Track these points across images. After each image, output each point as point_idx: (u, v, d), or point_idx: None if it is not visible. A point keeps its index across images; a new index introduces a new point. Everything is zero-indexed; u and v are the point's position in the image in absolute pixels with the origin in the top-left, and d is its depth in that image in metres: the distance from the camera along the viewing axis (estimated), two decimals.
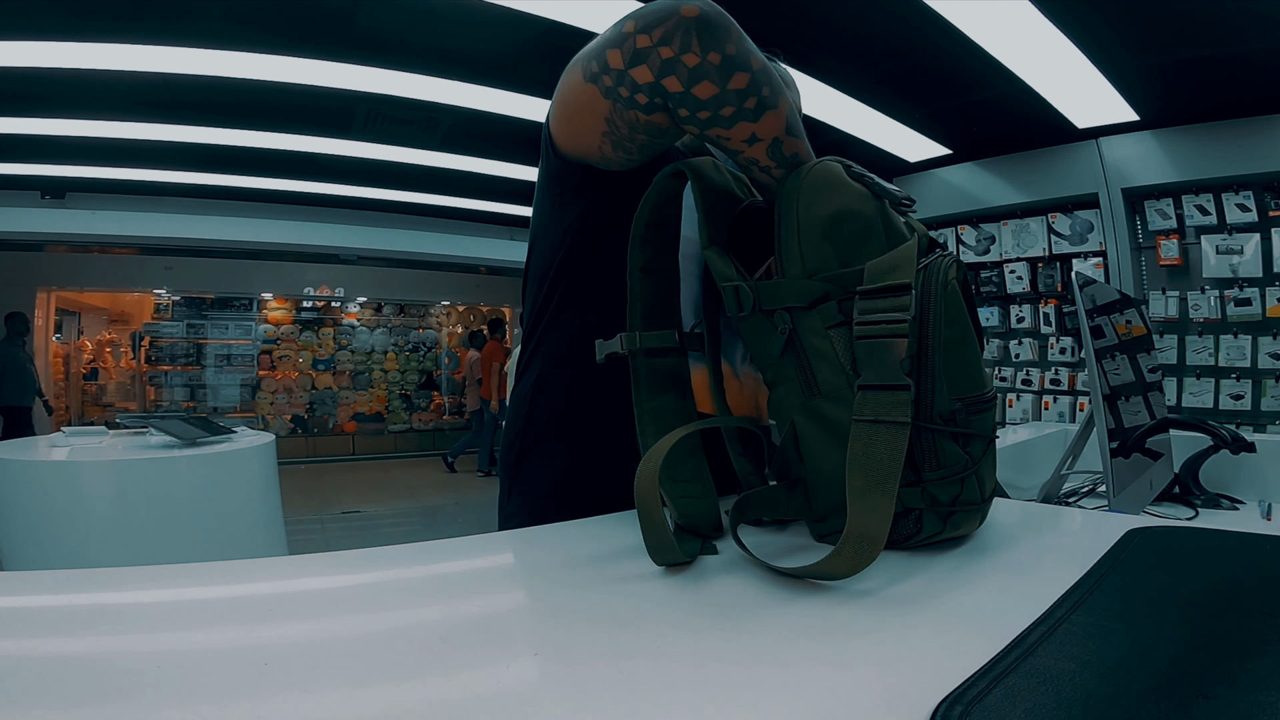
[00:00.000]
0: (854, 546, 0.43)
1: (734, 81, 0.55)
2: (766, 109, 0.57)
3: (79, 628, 0.38)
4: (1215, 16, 2.32)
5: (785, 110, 0.59)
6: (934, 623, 0.39)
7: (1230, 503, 1.33)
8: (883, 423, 0.48)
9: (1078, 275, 1.09)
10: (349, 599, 0.45)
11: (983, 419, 0.55)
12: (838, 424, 0.53)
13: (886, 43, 2.57)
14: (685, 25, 0.54)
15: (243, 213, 5.33)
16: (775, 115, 0.58)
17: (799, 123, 0.61)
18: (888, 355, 0.49)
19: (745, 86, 0.56)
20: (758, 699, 0.30)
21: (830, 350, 0.54)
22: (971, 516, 0.55)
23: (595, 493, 0.68)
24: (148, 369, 7.55)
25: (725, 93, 0.56)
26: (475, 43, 2.66)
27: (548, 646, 0.36)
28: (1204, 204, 3.23)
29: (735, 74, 0.55)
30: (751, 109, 0.57)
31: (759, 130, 0.58)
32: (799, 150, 0.60)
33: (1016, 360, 3.94)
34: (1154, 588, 0.43)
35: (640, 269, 0.64)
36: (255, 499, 2.64)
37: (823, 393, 0.54)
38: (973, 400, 0.54)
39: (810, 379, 0.55)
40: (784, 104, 0.58)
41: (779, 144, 0.59)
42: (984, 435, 0.55)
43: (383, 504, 5.50)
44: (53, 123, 3.44)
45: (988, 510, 0.57)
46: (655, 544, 0.47)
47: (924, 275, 0.53)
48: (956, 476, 0.52)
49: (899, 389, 0.48)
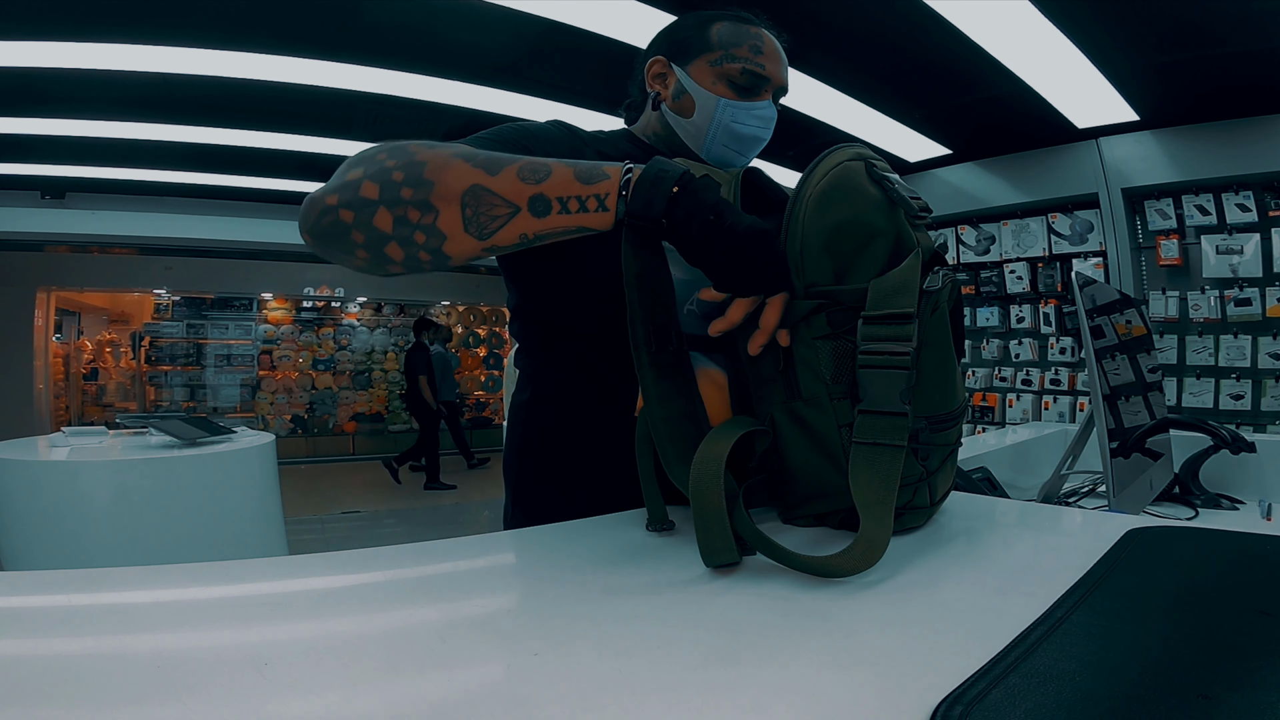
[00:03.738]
0: (864, 548, 0.46)
1: (377, 219, 0.53)
2: (427, 187, 0.53)
3: (79, 628, 0.38)
4: (1215, 16, 2.31)
5: (443, 164, 0.54)
6: (934, 623, 0.39)
7: (1230, 503, 1.33)
8: (882, 445, 0.50)
9: (1078, 275, 1.09)
10: (349, 599, 0.45)
11: (946, 433, 0.58)
12: (812, 427, 0.55)
13: (887, 43, 2.56)
14: (315, 250, 0.58)
15: (243, 213, 5.33)
16: (446, 185, 0.53)
17: (473, 158, 0.56)
18: (890, 385, 0.50)
19: (378, 197, 0.53)
20: (758, 699, 0.30)
21: (814, 359, 0.55)
22: (918, 516, 0.59)
23: (595, 501, 0.68)
24: (148, 369, 7.55)
25: (383, 225, 0.53)
26: (475, 43, 2.66)
27: (548, 646, 0.36)
28: (1204, 204, 3.23)
29: (366, 223, 0.54)
30: (419, 206, 0.53)
31: (450, 202, 0.53)
32: (522, 169, 0.55)
33: (1016, 360, 3.93)
34: (1154, 588, 0.43)
35: (636, 275, 0.61)
36: (255, 499, 2.63)
37: (803, 397, 0.56)
38: (940, 418, 0.56)
39: (793, 382, 0.56)
40: (435, 163, 0.54)
41: (482, 190, 0.53)
42: (945, 446, 0.59)
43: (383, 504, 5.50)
44: (53, 123, 3.44)
45: (937, 510, 0.61)
46: (711, 543, 0.47)
47: (920, 298, 0.53)
48: (910, 485, 0.55)
49: (898, 415, 0.50)
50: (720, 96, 0.78)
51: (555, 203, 0.54)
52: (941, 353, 0.56)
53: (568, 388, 0.79)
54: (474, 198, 0.54)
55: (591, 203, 0.54)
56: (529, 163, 0.55)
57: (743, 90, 0.79)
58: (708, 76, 0.79)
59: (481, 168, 0.54)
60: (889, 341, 0.50)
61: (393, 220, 0.53)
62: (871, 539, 0.46)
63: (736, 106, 0.78)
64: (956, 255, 4.12)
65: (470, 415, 8.85)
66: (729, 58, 0.78)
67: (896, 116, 3.31)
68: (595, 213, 0.55)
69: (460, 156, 0.55)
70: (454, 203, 0.53)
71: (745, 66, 0.78)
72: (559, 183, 0.54)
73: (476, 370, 9.00)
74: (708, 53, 0.79)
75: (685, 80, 0.80)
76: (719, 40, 0.79)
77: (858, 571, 0.45)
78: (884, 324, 0.51)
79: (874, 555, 0.46)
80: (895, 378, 0.50)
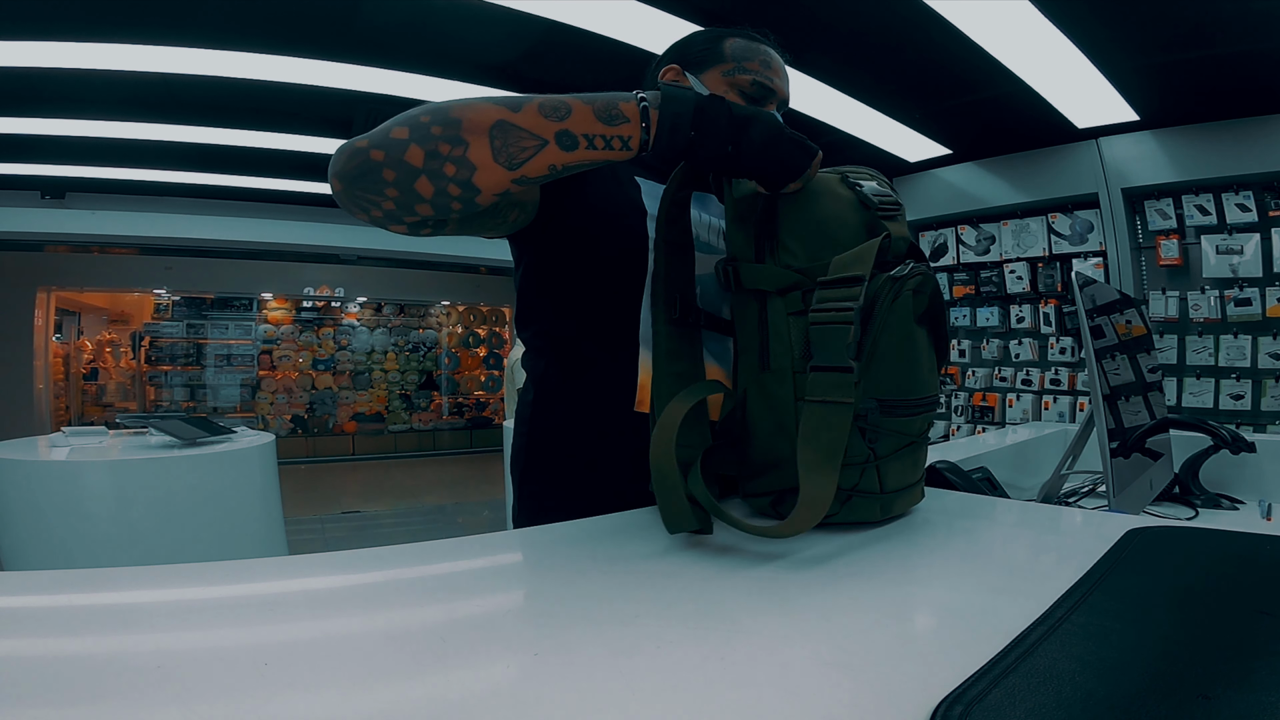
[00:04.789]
0: (806, 510, 0.50)
1: (409, 155, 0.55)
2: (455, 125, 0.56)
3: (79, 628, 0.38)
4: (1215, 16, 2.31)
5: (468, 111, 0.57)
6: (934, 623, 0.39)
7: (1230, 503, 1.33)
8: (829, 403, 0.54)
9: (1078, 275, 1.08)
10: (349, 599, 0.45)
11: (903, 421, 0.61)
12: (774, 397, 0.61)
13: (886, 43, 2.56)
14: (340, 198, 0.59)
15: (243, 213, 5.33)
16: (472, 120, 0.56)
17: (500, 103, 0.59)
18: (835, 338, 0.55)
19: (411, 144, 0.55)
20: (758, 699, 0.30)
21: (786, 334, 0.61)
22: (870, 504, 0.60)
23: (598, 500, 0.69)
24: (148, 369, 7.55)
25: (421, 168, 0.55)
26: (475, 43, 2.66)
27: (548, 646, 0.36)
28: (1204, 204, 3.23)
29: (398, 159, 0.55)
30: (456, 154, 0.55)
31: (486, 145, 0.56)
32: (548, 105, 0.58)
33: (1016, 360, 3.93)
34: (1154, 588, 0.43)
35: (667, 241, 0.68)
36: (255, 499, 2.63)
37: (771, 368, 0.61)
38: (892, 404, 0.59)
39: (765, 354, 0.62)
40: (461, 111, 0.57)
41: (509, 125, 0.56)
42: (901, 434, 0.61)
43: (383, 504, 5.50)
44: (53, 123, 3.44)
45: (892, 502, 0.62)
46: (670, 512, 0.52)
47: (883, 284, 0.58)
48: (856, 466, 0.58)
49: (844, 371, 0.54)
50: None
51: (582, 139, 0.58)
52: (900, 340, 0.59)
53: (573, 388, 0.81)
54: (502, 131, 0.57)
55: (616, 143, 0.59)
56: (548, 100, 0.59)
57: (752, 100, 0.83)
58: (720, 85, 0.83)
59: (505, 105, 0.58)
60: (836, 300, 0.56)
61: (424, 155, 0.56)
62: (812, 499, 0.50)
63: None
64: (956, 255, 4.12)
65: (471, 415, 8.85)
66: (741, 70, 0.82)
67: (896, 116, 3.31)
68: (620, 150, 0.60)
69: (483, 99, 0.59)
70: (483, 135, 0.56)
71: (756, 79, 0.82)
72: (582, 119, 0.58)
73: (476, 370, 9.00)
74: (721, 64, 0.83)
75: (699, 86, 0.83)
76: (732, 54, 0.84)
77: (799, 532, 0.50)
78: (835, 287, 0.56)
79: (815, 514, 0.50)
80: (840, 332, 0.54)
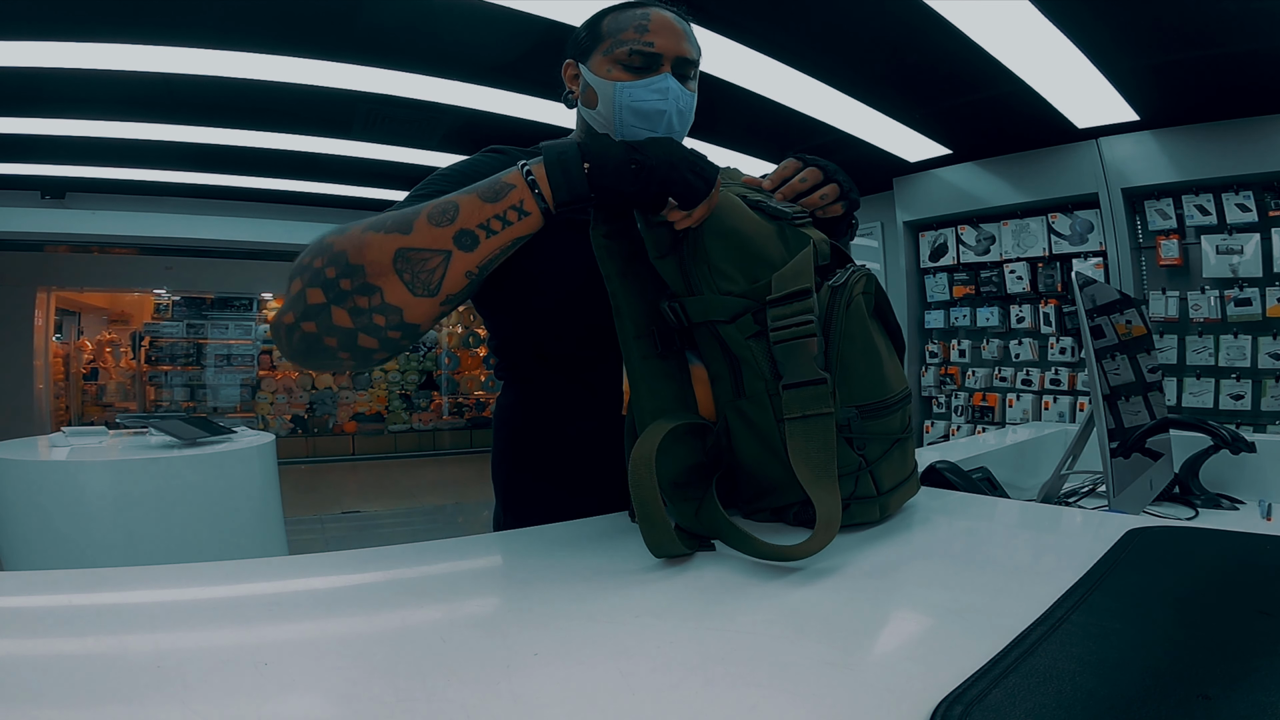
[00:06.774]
0: (825, 530, 0.49)
1: (335, 319, 0.55)
2: (360, 272, 0.54)
3: (79, 628, 0.38)
4: (1215, 16, 2.31)
5: (362, 242, 0.55)
6: (934, 623, 0.39)
7: (1230, 503, 1.32)
8: (810, 416, 0.54)
9: (1078, 275, 1.08)
10: (349, 599, 0.45)
11: (883, 422, 0.61)
12: (755, 423, 0.60)
13: (886, 42, 2.56)
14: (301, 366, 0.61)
15: (243, 213, 5.33)
16: (374, 261, 0.54)
17: (386, 224, 0.57)
18: (802, 354, 0.55)
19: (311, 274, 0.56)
20: (758, 699, 0.30)
21: (751, 358, 0.60)
22: (869, 506, 0.60)
23: (584, 501, 0.69)
24: (148, 369, 7.54)
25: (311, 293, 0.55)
26: (475, 43, 2.66)
27: (548, 646, 0.36)
28: (1204, 204, 3.23)
29: (329, 325, 0.55)
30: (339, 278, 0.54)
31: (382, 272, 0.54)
32: (432, 235, 0.55)
33: (1016, 360, 3.93)
34: (1154, 588, 0.43)
35: (618, 274, 0.63)
36: (255, 499, 2.63)
37: (746, 394, 0.60)
38: (870, 407, 0.60)
39: (738, 381, 0.61)
40: (351, 241, 0.56)
41: (408, 251, 0.55)
42: (885, 435, 0.61)
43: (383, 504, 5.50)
44: (53, 123, 3.44)
45: (889, 500, 0.62)
46: (654, 538, 0.50)
47: (831, 294, 0.59)
48: (850, 475, 0.58)
49: (817, 383, 0.54)
50: (615, 81, 0.81)
51: (478, 231, 0.55)
52: (862, 344, 0.60)
53: (546, 389, 0.81)
54: (405, 260, 0.55)
55: (511, 214, 0.56)
56: (436, 206, 0.57)
57: (636, 70, 0.81)
58: (603, 66, 0.82)
59: (395, 230, 0.55)
60: (793, 316, 0.56)
61: (348, 314, 0.55)
62: (829, 520, 0.50)
63: (631, 86, 0.81)
64: (956, 255, 4.12)
65: (471, 415, 8.85)
66: (617, 44, 0.82)
67: (896, 116, 3.31)
68: (520, 222, 0.56)
69: (369, 229, 0.56)
70: (389, 274, 0.54)
71: (632, 48, 0.81)
72: (470, 213, 0.56)
73: (476, 370, 9.00)
74: (600, 44, 0.83)
75: (588, 75, 0.84)
76: (607, 30, 0.83)
77: (817, 551, 0.48)
78: (786, 303, 0.57)
79: (833, 532, 0.49)
80: (804, 346, 0.55)
